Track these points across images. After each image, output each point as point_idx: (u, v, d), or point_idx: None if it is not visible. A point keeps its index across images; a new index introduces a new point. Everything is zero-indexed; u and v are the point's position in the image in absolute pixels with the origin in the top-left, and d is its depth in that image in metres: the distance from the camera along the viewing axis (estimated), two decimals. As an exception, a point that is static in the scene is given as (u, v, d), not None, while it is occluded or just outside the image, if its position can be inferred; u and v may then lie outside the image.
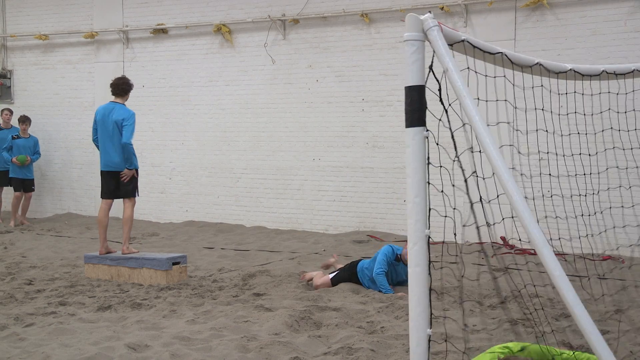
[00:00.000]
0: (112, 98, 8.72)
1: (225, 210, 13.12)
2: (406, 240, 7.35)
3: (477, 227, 3.53)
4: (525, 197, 3.35)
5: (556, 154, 5.25)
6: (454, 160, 3.48)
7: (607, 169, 5.58)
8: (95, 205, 13.68)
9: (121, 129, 8.48)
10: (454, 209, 3.56)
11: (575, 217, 5.12)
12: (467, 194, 3.61)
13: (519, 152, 4.33)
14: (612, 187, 5.90)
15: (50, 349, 5.48)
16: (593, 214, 5.49)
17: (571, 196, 5.07)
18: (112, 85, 8.75)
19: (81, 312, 6.74)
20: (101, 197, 8.77)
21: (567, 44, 10.42)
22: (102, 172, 8.67)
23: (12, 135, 13.53)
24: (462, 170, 3.56)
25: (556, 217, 4.51)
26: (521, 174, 4.24)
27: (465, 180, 3.60)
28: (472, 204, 3.51)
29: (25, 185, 13.56)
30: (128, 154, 8.50)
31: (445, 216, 3.58)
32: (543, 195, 4.58)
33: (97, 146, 8.70)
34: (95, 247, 10.62)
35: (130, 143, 8.48)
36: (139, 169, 8.86)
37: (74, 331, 5.99)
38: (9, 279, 8.32)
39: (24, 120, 13.66)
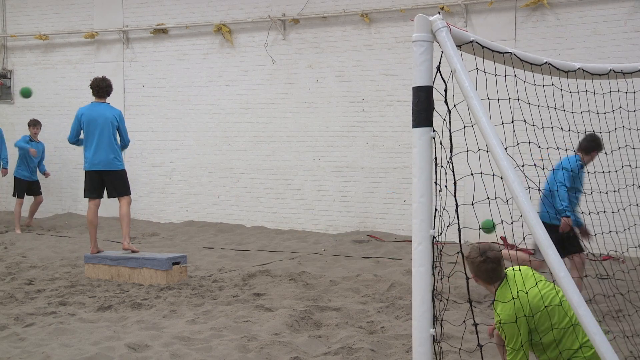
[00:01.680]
0: (94, 99, 8.76)
1: (226, 210, 13.12)
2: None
3: (459, 229, 3.54)
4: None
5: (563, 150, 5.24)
6: (447, 161, 3.49)
7: (605, 171, 5.58)
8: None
9: (115, 127, 8.54)
10: (444, 209, 3.56)
11: (590, 213, 5.12)
12: (454, 195, 3.62)
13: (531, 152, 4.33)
14: (620, 187, 5.89)
15: (50, 349, 5.48)
16: (606, 212, 5.50)
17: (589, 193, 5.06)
18: (95, 86, 8.71)
19: (81, 312, 6.73)
20: (88, 197, 8.68)
21: (567, 44, 10.42)
22: (90, 172, 8.61)
23: (29, 138, 13.11)
24: (453, 172, 3.57)
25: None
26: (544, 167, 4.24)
27: (455, 183, 3.60)
28: (457, 206, 3.52)
29: (32, 189, 13.14)
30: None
31: (440, 216, 3.59)
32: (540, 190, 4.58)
33: (75, 144, 8.84)
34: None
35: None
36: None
37: (74, 331, 5.98)
38: (9, 279, 8.32)
39: (35, 124, 13.16)
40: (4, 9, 15.13)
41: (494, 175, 4.13)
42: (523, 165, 3.98)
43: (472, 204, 4.03)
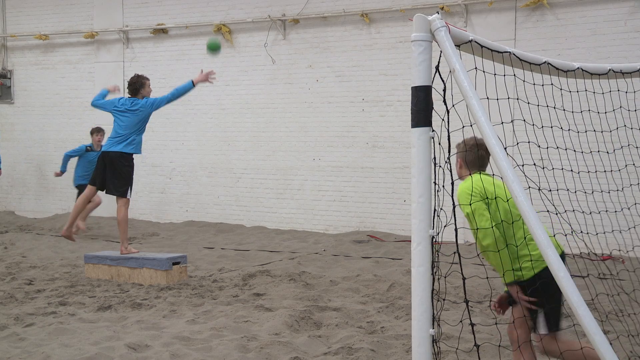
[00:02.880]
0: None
1: (226, 210, 13.12)
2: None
3: (456, 229, 3.55)
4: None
5: (561, 150, 5.24)
6: (445, 161, 3.49)
7: (609, 170, 5.58)
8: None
9: (133, 111, 8.55)
10: (441, 209, 3.57)
11: (582, 213, 5.12)
12: (452, 196, 3.62)
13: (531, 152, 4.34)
14: (613, 189, 5.90)
15: (50, 349, 5.48)
16: (604, 212, 5.50)
17: (575, 191, 5.07)
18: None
19: (81, 312, 6.73)
20: (89, 182, 8.75)
21: (567, 44, 10.42)
22: (101, 152, 8.69)
23: (86, 147, 12.10)
24: (451, 173, 3.58)
25: (557, 212, 4.51)
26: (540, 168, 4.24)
27: (452, 183, 3.61)
28: (454, 206, 3.53)
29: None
30: (177, 95, 8.87)
31: (438, 216, 3.59)
32: (547, 190, 4.59)
33: (95, 106, 8.88)
34: (95, 247, 10.64)
35: (167, 96, 8.78)
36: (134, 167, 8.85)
37: (74, 331, 5.98)
38: (9, 279, 8.32)
39: (98, 131, 12.13)
40: (4, 9, 15.14)
41: (493, 175, 4.13)
42: (523, 165, 3.98)
43: (470, 204, 4.03)
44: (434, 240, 3.39)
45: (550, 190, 4.48)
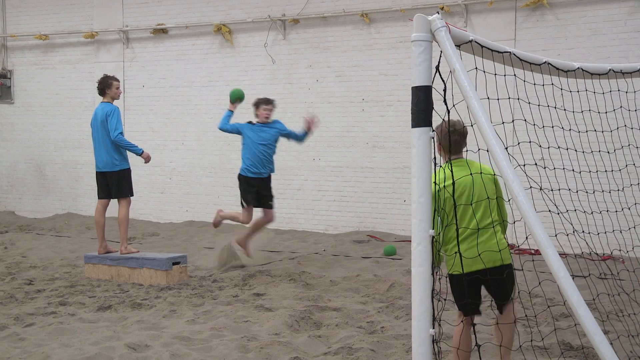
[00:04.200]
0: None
1: (226, 210, 13.10)
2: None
3: (457, 229, 3.55)
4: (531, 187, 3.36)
5: (562, 150, 5.24)
6: (446, 161, 3.49)
7: (610, 170, 5.58)
8: (95, 205, 13.66)
9: (107, 126, 8.44)
10: (442, 209, 3.56)
11: (585, 212, 5.12)
12: (453, 196, 3.62)
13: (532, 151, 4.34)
14: (614, 188, 5.90)
15: (50, 349, 5.48)
16: (604, 212, 5.51)
17: (577, 191, 5.07)
18: None
19: (81, 312, 6.74)
20: (98, 197, 8.90)
21: (567, 44, 10.42)
22: (95, 172, 8.79)
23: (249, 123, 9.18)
24: (452, 173, 3.57)
25: (559, 212, 4.51)
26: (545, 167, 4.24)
27: (453, 182, 3.61)
28: (455, 206, 3.53)
29: (264, 198, 9.32)
30: (125, 147, 8.53)
31: (439, 216, 3.59)
32: (549, 190, 4.59)
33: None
34: (95, 246, 10.62)
35: (119, 137, 8.36)
36: (130, 169, 8.85)
37: (74, 331, 5.99)
38: (9, 279, 8.32)
39: (268, 102, 9.43)
40: (4, 9, 15.13)
41: (494, 175, 4.13)
42: (524, 165, 3.98)
43: (471, 204, 4.03)
44: (434, 240, 3.39)
45: (552, 190, 4.48)
